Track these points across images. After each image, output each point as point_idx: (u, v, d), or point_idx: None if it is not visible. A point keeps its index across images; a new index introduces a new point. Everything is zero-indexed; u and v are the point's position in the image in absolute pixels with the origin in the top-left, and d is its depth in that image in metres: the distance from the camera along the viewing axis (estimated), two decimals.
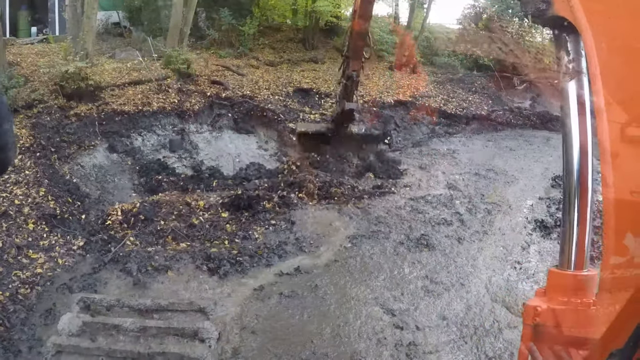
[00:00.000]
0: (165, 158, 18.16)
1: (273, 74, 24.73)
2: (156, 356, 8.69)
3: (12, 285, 10.12)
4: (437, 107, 24.55)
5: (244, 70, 24.52)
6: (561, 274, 2.87)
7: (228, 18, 26.90)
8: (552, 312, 2.73)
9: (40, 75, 19.40)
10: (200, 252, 11.70)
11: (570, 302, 2.72)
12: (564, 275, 2.85)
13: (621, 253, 2.28)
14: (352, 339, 9.23)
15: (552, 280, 2.90)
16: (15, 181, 13.26)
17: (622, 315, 2.35)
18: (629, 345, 2.46)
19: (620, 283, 2.32)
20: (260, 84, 23.20)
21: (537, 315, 2.74)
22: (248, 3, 29.49)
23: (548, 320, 2.73)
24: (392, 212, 14.11)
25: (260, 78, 23.92)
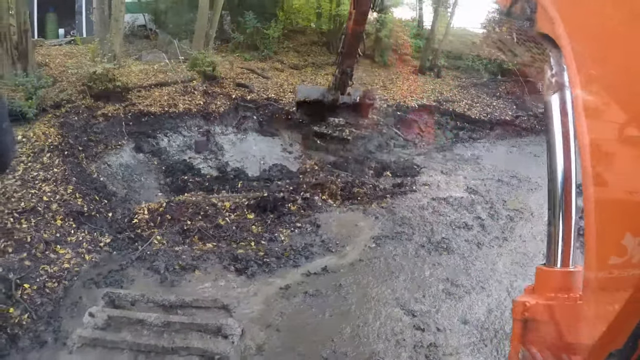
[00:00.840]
0: (190, 159, 18.27)
1: (297, 77, 24.81)
2: (180, 351, 8.71)
3: (39, 279, 10.21)
4: (461, 112, 24.46)
5: (269, 73, 24.65)
6: (548, 271, 2.96)
7: (253, 21, 27.06)
8: (540, 307, 2.81)
9: (69, 76, 19.63)
10: (227, 252, 11.71)
11: (558, 297, 2.79)
12: (551, 272, 2.94)
13: (620, 253, 2.27)
14: (371, 340, 9.20)
15: (540, 277, 2.97)
16: (44, 178, 13.39)
17: (621, 315, 2.31)
18: (628, 346, 2.44)
19: (619, 283, 2.32)
20: (285, 86, 23.27)
21: (526, 310, 2.83)
22: (272, 6, 29.63)
23: (537, 314, 2.81)
24: (416, 212, 14.09)
25: (285, 81, 24.00)
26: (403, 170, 17.72)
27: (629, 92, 2.24)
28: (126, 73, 19.83)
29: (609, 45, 2.38)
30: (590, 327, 2.47)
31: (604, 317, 2.38)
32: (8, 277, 9.99)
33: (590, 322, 2.46)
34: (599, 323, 2.41)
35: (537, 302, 2.79)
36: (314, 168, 17.02)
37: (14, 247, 10.88)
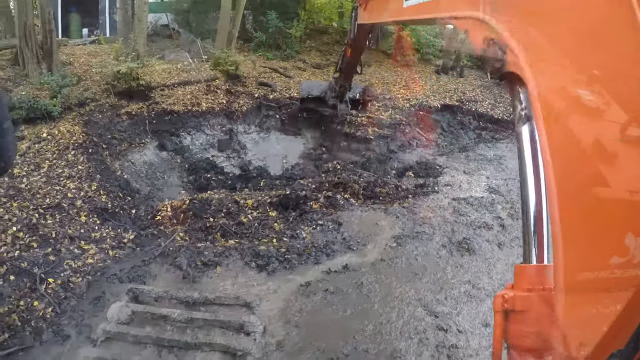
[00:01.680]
0: (213, 157, 18.34)
1: (320, 77, 24.77)
2: (203, 346, 8.76)
3: (64, 273, 10.34)
4: (484, 112, 24.32)
5: (291, 73, 24.67)
6: (525, 266, 3.31)
7: (275, 21, 27.09)
8: (519, 298, 3.07)
9: (93, 75, 19.86)
10: (249, 249, 11.73)
11: (534, 289, 3.05)
12: (528, 267, 3.30)
13: (622, 253, 2.45)
14: (393, 337, 9.17)
15: (518, 273, 3.28)
16: (69, 175, 13.54)
17: (623, 315, 2.44)
18: (630, 346, 2.54)
19: (621, 283, 2.47)
20: None
21: (506, 302, 3.08)
22: (295, 6, 29.63)
23: (515, 305, 3.06)
24: (437, 212, 14.05)
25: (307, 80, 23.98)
26: (425, 171, 17.69)
27: (581, 116, 2.67)
28: (149, 72, 19.97)
29: (564, 77, 2.83)
30: (591, 328, 2.58)
31: (606, 317, 2.47)
32: (33, 271, 10.14)
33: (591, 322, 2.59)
34: (600, 323, 2.51)
35: (516, 294, 3.09)
36: (336, 167, 17.00)
37: (39, 242, 11.04)
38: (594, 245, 2.64)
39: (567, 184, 2.72)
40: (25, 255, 10.57)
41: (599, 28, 2.62)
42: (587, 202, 2.65)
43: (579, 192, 2.70)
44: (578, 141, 2.68)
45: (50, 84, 17.45)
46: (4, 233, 11.14)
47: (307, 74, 25.06)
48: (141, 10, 20.99)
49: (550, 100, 2.89)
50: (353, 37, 15.44)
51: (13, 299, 9.46)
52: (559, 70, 2.91)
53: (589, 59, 2.68)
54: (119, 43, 20.94)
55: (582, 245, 2.69)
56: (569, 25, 2.85)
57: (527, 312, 3.04)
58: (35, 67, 19.18)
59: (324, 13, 31.23)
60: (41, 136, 15.30)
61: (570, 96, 2.77)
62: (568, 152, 2.73)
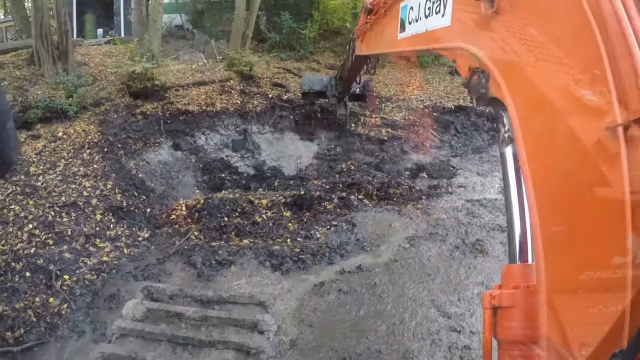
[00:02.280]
0: (228, 157, 18.37)
1: None
2: (217, 344, 8.83)
3: (79, 271, 10.46)
4: None
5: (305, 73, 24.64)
6: (511, 267, 3.79)
7: (289, 21, 27.10)
8: (505, 295, 3.46)
9: (108, 75, 20.00)
10: (263, 248, 11.78)
11: (519, 286, 3.47)
12: (513, 267, 3.80)
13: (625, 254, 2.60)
14: (406, 338, 9.19)
15: (505, 273, 3.70)
16: (84, 174, 13.64)
17: (625, 316, 2.51)
18: (632, 346, 2.58)
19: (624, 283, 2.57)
20: None
21: (493, 299, 3.46)
22: (308, 7, 29.60)
23: (502, 302, 3.43)
24: (450, 213, 14.02)
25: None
26: (439, 172, 17.66)
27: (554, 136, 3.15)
28: (164, 72, 20.02)
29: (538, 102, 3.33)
30: (593, 328, 2.70)
31: (607, 317, 2.57)
32: (49, 268, 10.24)
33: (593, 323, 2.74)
34: (602, 323, 2.60)
35: (502, 292, 3.49)
36: (350, 168, 17.02)
37: (54, 240, 11.16)
38: (575, 249, 2.97)
39: (545, 196, 3.19)
40: (41, 253, 10.68)
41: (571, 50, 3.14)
42: (563, 210, 3.07)
43: (554, 201, 3.15)
44: (553, 158, 3.20)
45: (65, 83, 17.57)
46: (20, 230, 11.26)
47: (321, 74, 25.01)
48: (156, 11, 21.08)
49: (527, 121, 3.44)
50: (351, 66, 15.74)
51: (29, 296, 9.57)
52: (535, 95, 3.41)
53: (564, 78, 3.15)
54: (133, 43, 21.01)
55: (562, 250, 3.06)
56: (542, 57, 3.41)
57: (513, 308, 3.41)
58: (51, 67, 19.31)
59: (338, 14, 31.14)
60: (57, 135, 15.42)
61: (547, 115, 3.25)
62: (545, 169, 3.23)
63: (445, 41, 5.66)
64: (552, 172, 3.18)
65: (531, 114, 3.43)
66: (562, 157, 3.10)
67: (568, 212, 3.03)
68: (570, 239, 3.03)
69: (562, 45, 3.20)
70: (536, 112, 3.37)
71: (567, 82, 3.09)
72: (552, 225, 3.13)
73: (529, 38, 3.60)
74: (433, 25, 6.16)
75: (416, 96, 23.66)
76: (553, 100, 3.20)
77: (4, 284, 9.75)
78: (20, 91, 17.57)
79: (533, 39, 3.54)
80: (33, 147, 14.70)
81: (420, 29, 6.90)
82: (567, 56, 3.15)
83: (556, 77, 3.23)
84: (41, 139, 15.16)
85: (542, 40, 3.43)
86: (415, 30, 7.27)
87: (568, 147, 3.04)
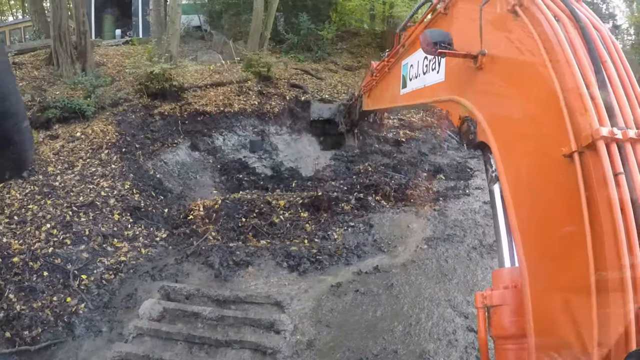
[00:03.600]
0: (245, 158, 18.39)
1: (351, 78, 24.70)
2: (233, 344, 8.84)
3: (97, 270, 10.51)
4: None
5: (323, 74, 24.61)
6: (500, 270, 4.32)
7: (307, 23, 27.08)
8: (495, 295, 4.02)
9: (126, 75, 20.06)
10: (281, 249, 11.76)
11: (508, 286, 4.01)
12: (502, 270, 4.32)
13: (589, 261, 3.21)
14: (422, 338, 9.15)
15: (495, 276, 4.27)
16: (102, 174, 13.69)
17: None
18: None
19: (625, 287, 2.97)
20: (339, 88, 23.21)
21: (485, 299, 4.02)
22: (326, 8, 29.61)
23: (494, 301, 3.99)
24: (468, 215, 13.93)
25: (339, 82, 23.93)
26: (456, 173, 17.57)
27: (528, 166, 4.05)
28: (182, 73, 20.01)
29: (515, 140, 4.26)
30: (608, 328, 2.90)
31: (622, 318, 2.77)
32: (66, 267, 10.28)
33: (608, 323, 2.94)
34: (616, 324, 2.81)
35: (493, 292, 4.05)
36: (367, 169, 16.95)
37: (72, 240, 11.20)
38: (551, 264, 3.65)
39: (526, 224, 3.90)
40: (59, 252, 10.72)
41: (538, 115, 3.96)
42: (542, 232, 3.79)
43: (534, 225, 3.85)
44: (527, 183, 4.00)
45: (84, 83, 17.70)
46: (38, 230, 11.31)
47: (339, 75, 24.99)
48: (174, 12, 21.12)
49: (507, 156, 4.27)
50: (358, 118, 16.98)
51: (46, 295, 9.61)
52: (512, 134, 4.29)
53: (528, 123, 4.09)
54: (152, 44, 21.13)
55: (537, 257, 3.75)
56: (514, 103, 4.35)
57: (504, 306, 3.93)
58: (70, 67, 19.42)
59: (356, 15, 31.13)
60: (75, 135, 15.48)
61: (520, 151, 4.13)
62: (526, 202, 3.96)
63: (440, 95, 6.58)
64: (528, 195, 3.94)
65: (509, 150, 4.25)
66: (535, 182, 3.89)
67: (543, 229, 3.78)
68: (545, 249, 3.71)
69: (528, 90, 4.11)
70: (513, 148, 4.21)
71: (534, 120, 3.95)
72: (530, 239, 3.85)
73: (504, 88, 4.55)
74: (430, 80, 7.25)
75: None
76: (525, 137, 4.05)
77: (22, 283, 9.80)
78: (38, 91, 17.68)
79: (507, 89, 4.51)
80: (51, 147, 14.78)
81: (419, 84, 7.94)
82: (531, 99, 4.02)
83: (525, 118, 4.10)
84: (59, 139, 15.23)
85: (512, 89, 4.40)
86: (415, 86, 8.29)
87: (539, 174, 3.84)
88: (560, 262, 3.57)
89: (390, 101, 10.83)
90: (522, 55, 4.24)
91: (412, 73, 8.42)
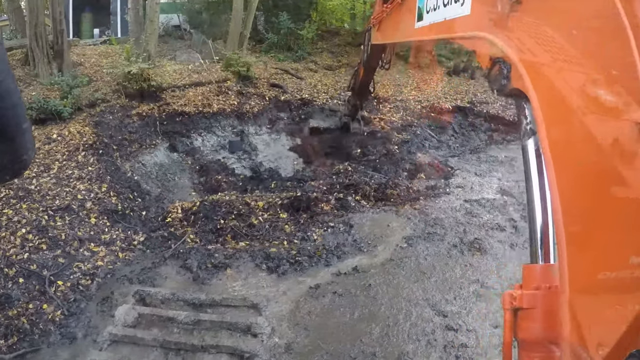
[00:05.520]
0: (224, 159, 18.35)
1: (331, 78, 24.74)
2: (210, 349, 8.76)
3: (73, 276, 10.39)
4: (495, 113, 24.19)
5: (303, 74, 24.60)
6: (532, 266, 3.61)
7: (287, 22, 27.03)
8: (526, 296, 3.32)
9: (103, 76, 19.92)
10: (260, 251, 11.72)
11: (541, 287, 3.32)
12: (534, 267, 3.60)
13: None
14: (400, 340, 9.12)
15: (526, 273, 3.55)
16: (79, 176, 13.55)
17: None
18: None
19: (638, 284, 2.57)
20: (319, 87, 23.23)
21: (514, 300, 3.34)
22: (306, 7, 29.63)
23: (523, 303, 3.30)
24: (448, 213, 13.97)
25: (319, 82, 23.96)
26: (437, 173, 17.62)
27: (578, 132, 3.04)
28: (161, 73, 19.91)
29: (563, 97, 3.19)
30: (609, 328, 2.64)
31: (624, 317, 2.53)
32: (42, 273, 10.16)
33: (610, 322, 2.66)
34: (619, 323, 2.56)
35: (523, 292, 3.35)
36: (347, 169, 16.95)
37: (48, 245, 11.07)
38: (597, 247, 2.85)
39: (569, 191, 3.03)
40: (35, 258, 10.59)
41: (593, 48, 3.02)
42: (587, 208, 2.94)
43: (579, 198, 3.00)
44: (577, 152, 3.05)
45: (60, 84, 17.53)
46: (14, 235, 11.17)
47: (319, 75, 25.01)
48: (153, 11, 20.93)
49: (551, 115, 3.27)
50: (367, 58, 15.67)
51: (22, 302, 9.49)
52: (560, 87, 3.25)
53: (586, 76, 3.03)
54: (130, 43, 20.97)
55: (583, 248, 2.92)
56: (568, 46, 3.25)
57: (534, 309, 3.28)
58: (46, 67, 19.24)
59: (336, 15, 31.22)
60: (51, 137, 15.32)
61: (570, 111, 3.10)
62: (568, 162, 3.08)
63: (464, 30, 5.56)
64: (575, 168, 3.06)
65: (555, 109, 3.29)
66: (585, 152, 2.98)
67: (588, 208, 2.95)
68: (589, 237, 2.95)
69: (590, 41, 3.08)
70: (560, 107, 3.24)
71: (593, 78, 2.98)
72: (573, 222, 3.00)
73: (551, 28, 3.46)
74: (452, 14, 6.02)
75: (414, 97, 23.66)
76: (577, 91, 3.08)
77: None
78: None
79: (554, 29, 3.42)
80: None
81: (438, 18, 6.76)
82: (594, 53, 3.03)
83: (578, 67, 3.14)
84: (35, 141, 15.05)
85: (563, 30, 3.30)
86: (433, 19, 7.13)
87: (592, 143, 2.91)
88: (606, 254, 2.84)
89: (404, 35, 9.75)
90: None
91: (430, 4, 7.23)
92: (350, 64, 26.83)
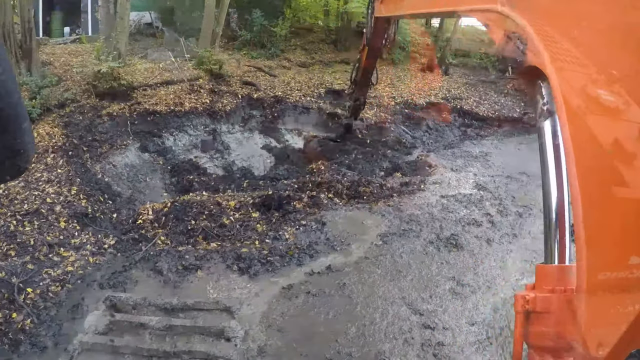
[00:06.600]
0: (196, 158, 18.26)
1: (305, 75, 24.72)
2: (182, 355, 8.69)
3: (42, 282, 10.19)
4: (469, 109, 24.30)
5: (276, 72, 24.57)
6: (547, 267, 3.34)
7: (260, 19, 26.94)
8: (540, 299, 3.08)
9: (73, 75, 19.63)
10: (231, 251, 11.62)
11: (555, 289, 3.07)
12: (549, 267, 3.34)
13: None
14: (377, 339, 9.14)
15: (539, 273, 3.30)
16: (48, 179, 13.38)
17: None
18: None
19: None
20: (292, 85, 23.21)
21: (527, 303, 3.10)
22: (280, 4, 29.54)
23: (537, 306, 3.07)
24: (424, 209, 13.96)
25: (292, 79, 23.94)
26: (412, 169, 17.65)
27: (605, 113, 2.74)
28: (131, 72, 19.74)
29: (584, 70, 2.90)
30: (610, 328, 2.60)
31: (625, 317, 2.53)
32: (11, 281, 9.95)
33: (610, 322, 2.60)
34: (619, 323, 2.56)
35: (537, 295, 3.11)
36: (320, 167, 16.91)
37: (17, 251, 10.89)
38: (618, 244, 2.68)
39: (591, 182, 2.72)
40: (3, 265, 10.39)
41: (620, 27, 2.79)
42: (611, 200, 2.70)
43: (602, 190, 2.72)
44: (602, 139, 2.72)
45: (29, 84, 17.29)
46: None
47: (292, 72, 24.97)
48: (123, 8, 20.69)
49: (573, 96, 2.86)
50: (370, 34, 15.33)
51: None
52: (581, 66, 2.94)
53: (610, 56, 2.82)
54: (100, 42, 20.71)
55: (605, 245, 2.70)
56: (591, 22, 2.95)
57: (548, 313, 3.05)
58: (14, 67, 18.93)
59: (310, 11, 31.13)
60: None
61: (594, 92, 2.80)
62: (592, 149, 2.73)
63: (476, 2, 5.15)
64: (601, 156, 2.75)
65: (577, 89, 2.93)
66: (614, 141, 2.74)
67: (601, 205, 2.76)
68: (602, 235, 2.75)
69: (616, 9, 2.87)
70: (583, 88, 2.91)
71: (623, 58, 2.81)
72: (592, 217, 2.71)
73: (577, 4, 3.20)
74: None
75: (388, 93, 23.74)
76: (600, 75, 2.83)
77: None
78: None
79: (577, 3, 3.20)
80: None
81: None
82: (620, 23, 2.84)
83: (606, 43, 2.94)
84: None
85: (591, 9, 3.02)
86: None
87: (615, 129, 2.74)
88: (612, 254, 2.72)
89: (409, 7, 9.45)
90: None
91: None
92: (323, 61, 26.81)
